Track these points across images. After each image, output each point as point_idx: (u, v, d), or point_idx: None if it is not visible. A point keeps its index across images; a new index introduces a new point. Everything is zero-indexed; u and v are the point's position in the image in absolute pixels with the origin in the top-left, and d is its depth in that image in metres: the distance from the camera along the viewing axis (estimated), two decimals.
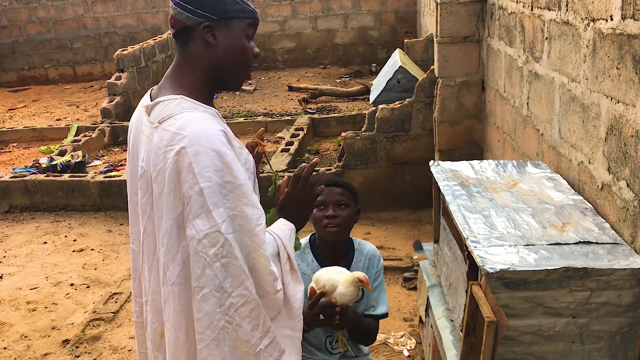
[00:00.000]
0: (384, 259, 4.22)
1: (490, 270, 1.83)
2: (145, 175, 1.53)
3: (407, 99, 5.11)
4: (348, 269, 2.32)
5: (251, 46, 1.62)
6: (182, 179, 1.42)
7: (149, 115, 1.55)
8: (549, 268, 1.81)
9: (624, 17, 1.96)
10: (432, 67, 4.86)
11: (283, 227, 1.67)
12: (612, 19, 2.06)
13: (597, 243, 1.95)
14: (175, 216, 1.44)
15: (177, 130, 1.45)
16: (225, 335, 1.43)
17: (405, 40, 7.52)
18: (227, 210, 1.42)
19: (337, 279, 2.05)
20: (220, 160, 1.42)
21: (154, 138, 1.50)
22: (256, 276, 1.47)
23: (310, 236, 2.41)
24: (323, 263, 2.32)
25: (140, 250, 1.65)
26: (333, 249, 2.33)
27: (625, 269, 1.80)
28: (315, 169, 2.15)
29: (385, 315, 2.38)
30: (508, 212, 2.23)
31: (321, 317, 2.05)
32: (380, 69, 9.23)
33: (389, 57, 8.59)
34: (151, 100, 1.58)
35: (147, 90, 1.69)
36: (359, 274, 2.07)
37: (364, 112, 6.81)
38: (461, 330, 2.19)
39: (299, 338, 1.64)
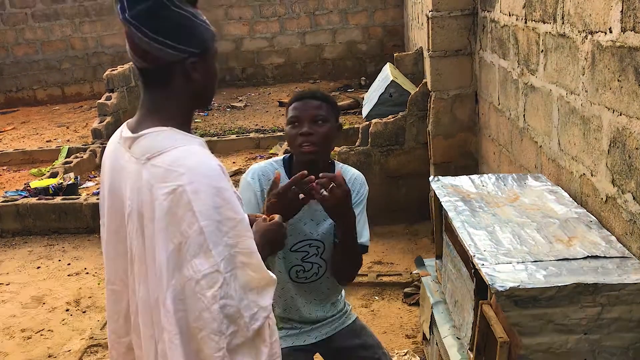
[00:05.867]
0: (383, 275, 4.25)
1: (500, 289, 1.81)
2: (134, 213, 1.44)
3: (400, 113, 5.11)
4: None
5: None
6: (180, 218, 1.35)
7: (129, 149, 1.47)
8: (559, 285, 1.79)
9: (623, 30, 1.96)
10: (424, 80, 4.87)
11: None
12: (611, 32, 2.06)
13: (605, 257, 1.93)
14: (167, 256, 1.37)
15: (170, 166, 1.38)
16: None
17: (395, 54, 7.54)
18: (227, 247, 1.37)
19: None
20: (220, 197, 1.36)
21: (144, 175, 1.41)
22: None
23: (284, 155, 2.22)
24: None
25: (123, 290, 1.56)
26: (310, 171, 1.98)
27: (636, 283, 1.78)
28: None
29: (365, 248, 2.18)
30: (513, 227, 2.21)
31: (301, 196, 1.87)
32: (369, 83, 9.24)
33: (378, 70, 8.60)
34: (133, 133, 1.49)
35: (136, 110, 1.58)
36: None
37: (355, 126, 6.80)
38: (470, 349, 2.16)
39: None
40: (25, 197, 6.04)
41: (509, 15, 3.36)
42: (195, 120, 8.81)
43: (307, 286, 2.25)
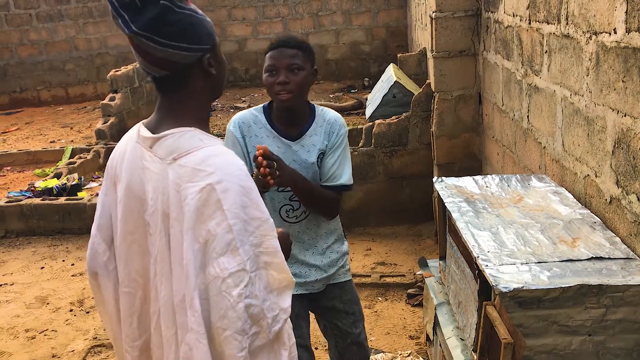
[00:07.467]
0: (386, 275, 4.25)
1: (504, 290, 1.80)
2: (157, 213, 1.43)
3: (404, 114, 5.11)
4: (305, 134, 2.28)
5: None
6: (208, 216, 1.34)
7: (150, 148, 1.46)
8: (563, 286, 1.79)
9: (628, 30, 1.96)
10: (427, 81, 4.87)
11: None
12: (615, 32, 2.06)
13: (609, 258, 1.93)
14: (194, 254, 1.36)
15: (198, 165, 1.38)
16: None
17: (398, 55, 7.55)
18: (252, 247, 1.37)
19: None
20: (247, 196, 1.37)
21: (170, 175, 1.40)
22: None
23: (265, 103, 2.34)
24: (279, 129, 2.26)
25: (137, 291, 1.55)
26: (289, 116, 2.26)
27: None
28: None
29: (347, 187, 2.33)
30: (516, 228, 2.21)
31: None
32: (372, 83, 9.25)
33: (381, 71, 8.61)
34: (153, 134, 1.48)
35: (140, 110, 1.58)
36: None
37: (359, 126, 6.80)
38: (474, 350, 2.16)
39: None
40: (29, 197, 6.06)
41: (513, 16, 3.36)
42: None
43: (299, 226, 2.32)
